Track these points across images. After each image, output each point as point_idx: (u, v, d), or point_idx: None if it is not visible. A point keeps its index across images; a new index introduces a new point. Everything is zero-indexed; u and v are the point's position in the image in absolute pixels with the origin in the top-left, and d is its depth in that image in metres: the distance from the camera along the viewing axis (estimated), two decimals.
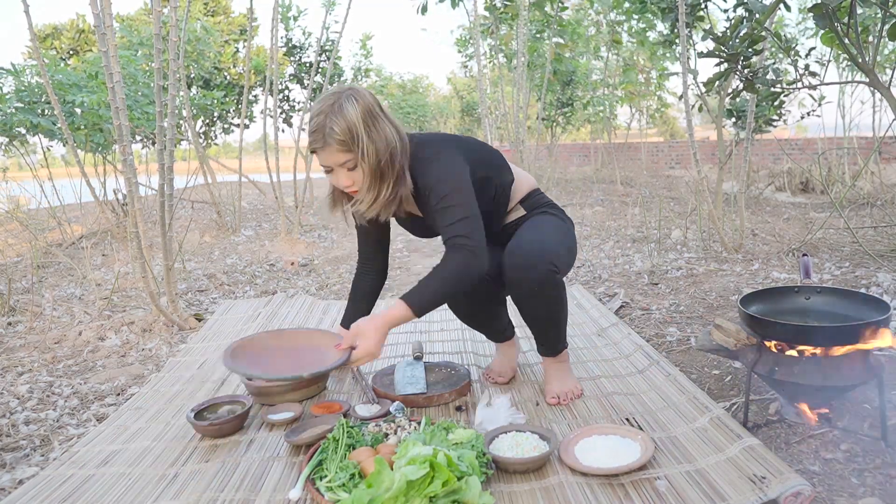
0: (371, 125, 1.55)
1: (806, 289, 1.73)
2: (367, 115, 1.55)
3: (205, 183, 5.84)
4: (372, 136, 1.55)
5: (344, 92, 1.56)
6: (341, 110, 1.52)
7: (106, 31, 2.39)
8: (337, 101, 1.53)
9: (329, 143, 1.52)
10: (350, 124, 1.52)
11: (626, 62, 9.48)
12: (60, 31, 9.94)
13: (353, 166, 1.56)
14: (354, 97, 1.55)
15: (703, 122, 17.94)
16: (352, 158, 1.55)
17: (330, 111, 1.52)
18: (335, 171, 1.59)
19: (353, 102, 1.54)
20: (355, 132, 1.52)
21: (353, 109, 1.53)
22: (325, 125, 1.51)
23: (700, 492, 1.26)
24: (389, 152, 1.58)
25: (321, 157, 1.57)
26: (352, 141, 1.53)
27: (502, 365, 1.98)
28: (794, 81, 2.48)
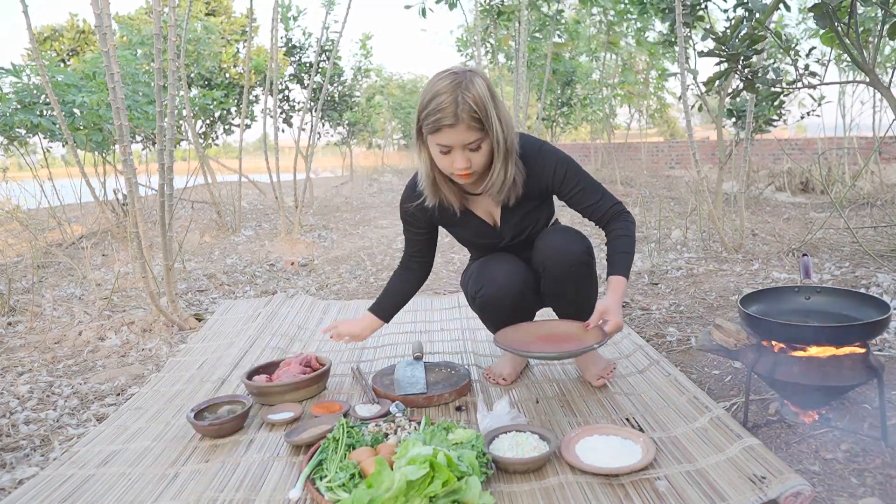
0: (497, 104, 1.55)
1: (806, 289, 1.73)
2: (492, 92, 1.55)
3: (205, 183, 5.85)
4: (500, 115, 1.55)
5: (463, 71, 1.53)
6: (471, 86, 1.49)
7: (106, 31, 2.39)
8: (462, 79, 1.50)
9: (461, 119, 1.49)
10: (482, 100, 1.50)
11: (625, 62, 9.48)
12: (60, 32, 9.94)
13: (477, 147, 1.55)
14: (478, 75, 1.53)
15: (703, 122, 17.94)
16: (480, 138, 1.54)
17: (458, 88, 1.49)
18: (454, 152, 1.55)
19: (479, 79, 1.52)
20: (488, 109, 1.51)
21: (482, 84, 1.52)
22: (457, 102, 1.48)
23: (700, 492, 1.26)
24: (511, 132, 1.61)
25: (445, 136, 1.52)
26: (486, 117, 1.51)
27: (506, 367, 1.98)
28: (794, 81, 2.47)
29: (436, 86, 1.51)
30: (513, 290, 1.76)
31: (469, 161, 1.56)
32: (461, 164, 1.56)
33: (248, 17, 5.25)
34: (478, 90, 1.50)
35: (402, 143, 19.99)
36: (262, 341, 2.45)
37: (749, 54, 2.38)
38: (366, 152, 16.52)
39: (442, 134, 1.52)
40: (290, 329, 2.63)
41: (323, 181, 11.52)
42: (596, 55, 8.77)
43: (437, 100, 1.50)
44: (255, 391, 1.86)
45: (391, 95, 14.63)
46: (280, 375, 1.93)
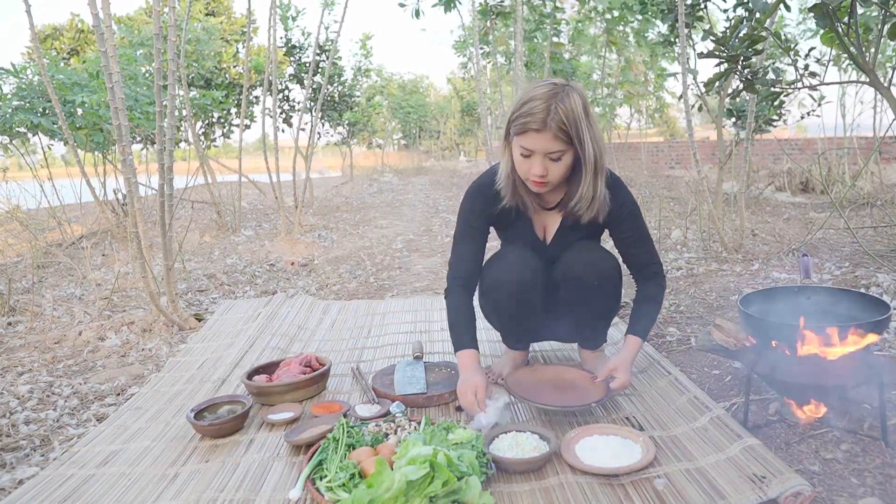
0: (591, 122, 1.57)
1: (806, 289, 1.73)
2: (588, 111, 1.57)
3: (205, 183, 5.84)
4: (592, 133, 1.57)
5: (563, 84, 1.56)
6: (567, 99, 1.52)
7: (105, 31, 2.39)
8: (560, 90, 1.53)
9: (549, 126, 1.51)
10: (575, 114, 1.52)
11: (626, 62, 9.48)
12: (60, 31, 9.95)
13: (559, 158, 1.57)
14: (577, 90, 1.56)
15: (703, 122, 17.94)
16: (563, 149, 1.55)
17: (553, 97, 1.52)
18: (534, 157, 1.57)
19: (577, 94, 1.55)
20: (579, 124, 1.53)
21: (578, 101, 1.54)
22: (549, 109, 1.51)
23: (700, 490, 1.26)
24: (602, 153, 1.62)
25: (530, 140, 1.54)
26: (575, 132, 1.53)
27: (506, 367, 1.98)
28: (794, 81, 2.47)
29: (533, 91, 1.55)
30: (523, 275, 1.76)
31: (546, 170, 1.58)
32: (538, 171, 1.58)
33: (247, 17, 5.24)
34: (572, 103, 1.53)
35: (402, 143, 20.00)
36: (262, 341, 2.45)
37: (749, 54, 2.38)
38: (366, 152, 16.53)
39: (527, 137, 1.55)
40: (290, 329, 2.63)
41: (322, 182, 11.52)
42: (598, 55, 8.78)
43: (530, 104, 1.53)
44: (255, 391, 1.86)
45: (391, 95, 14.64)
46: (280, 375, 1.93)
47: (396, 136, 19.02)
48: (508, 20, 5.99)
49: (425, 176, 12.45)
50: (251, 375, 1.95)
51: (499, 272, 1.79)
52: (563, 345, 2.26)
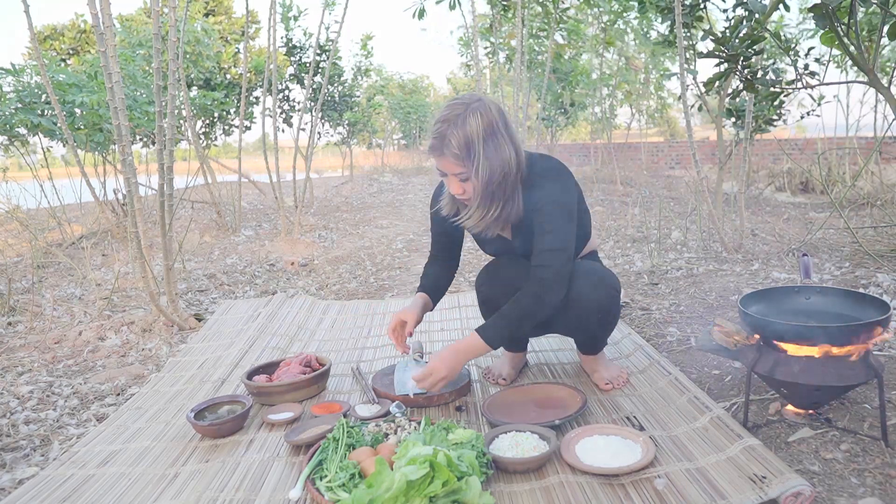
0: (490, 143, 1.56)
1: (806, 289, 1.73)
2: (489, 131, 1.55)
3: (205, 183, 5.84)
4: (488, 155, 1.56)
5: (472, 103, 1.56)
6: (464, 123, 1.53)
7: (105, 31, 2.39)
8: (463, 112, 1.54)
9: (445, 153, 1.54)
10: (468, 139, 1.53)
11: (626, 61, 9.48)
12: (61, 31, 9.94)
13: (466, 178, 1.58)
14: (480, 111, 1.55)
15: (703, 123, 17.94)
16: (465, 171, 1.57)
17: (453, 121, 1.53)
18: (449, 177, 1.61)
19: (478, 116, 1.54)
20: (472, 148, 1.54)
21: (476, 123, 1.54)
22: (445, 135, 1.53)
23: (700, 490, 1.26)
24: (503, 173, 1.59)
25: (437, 162, 1.59)
26: (467, 156, 1.54)
27: (505, 367, 1.98)
28: (794, 81, 2.47)
29: (444, 111, 1.57)
30: (510, 291, 1.76)
31: (462, 188, 1.61)
32: (454, 190, 1.62)
33: (246, 18, 5.24)
34: (469, 128, 1.53)
35: (401, 143, 20.00)
36: (262, 341, 2.45)
37: (749, 55, 2.38)
38: (366, 152, 16.53)
39: (434, 160, 1.60)
40: (290, 329, 2.63)
41: (322, 181, 11.52)
42: (598, 55, 8.77)
43: (437, 125, 1.57)
44: (255, 391, 1.86)
45: (391, 95, 14.63)
46: (280, 375, 1.93)
47: (396, 136, 19.02)
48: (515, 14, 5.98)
49: (425, 176, 12.45)
50: (251, 375, 1.95)
51: (490, 287, 1.85)
52: (563, 344, 2.26)
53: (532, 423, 1.55)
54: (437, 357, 1.69)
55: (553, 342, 2.30)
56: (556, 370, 2.05)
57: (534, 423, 1.55)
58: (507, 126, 1.60)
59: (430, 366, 1.68)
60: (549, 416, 1.62)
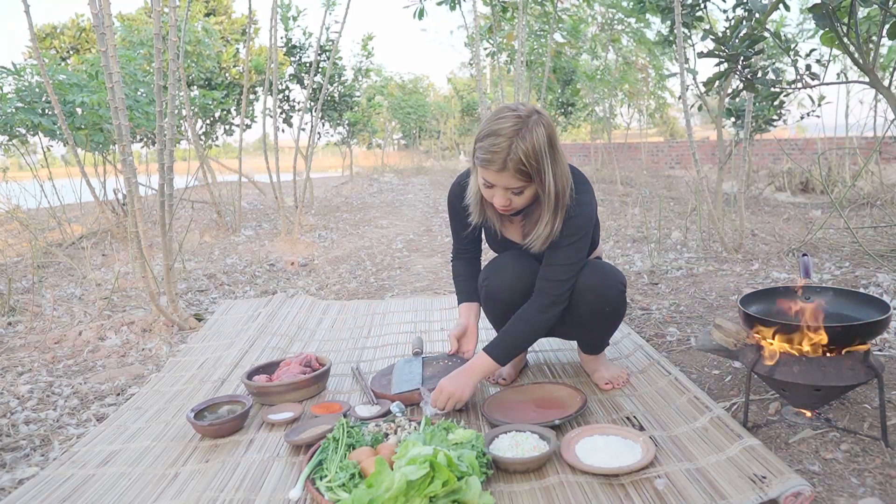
0: (555, 158, 1.54)
1: (806, 289, 1.73)
2: (553, 146, 1.53)
3: (205, 183, 5.84)
4: (555, 170, 1.54)
5: (531, 115, 1.51)
6: (530, 135, 1.48)
7: (105, 30, 2.39)
8: (524, 125, 1.49)
9: (508, 167, 1.49)
10: (536, 153, 1.48)
11: (626, 60, 9.48)
12: (61, 31, 9.95)
13: (520, 192, 1.55)
14: (542, 124, 1.51)
15: (703, 123, 17.93)
16: (524, 185, 1.53)
17: (515, 135, 1.47)
18: (496, 189, 1.56)
19: (542, 129, 1.50)
20: (541, 162, 1.50)
21: (542, 137, 1.49)
22: (508, 149, 1.47)
23: (700, 490, 1.26)
24: (566, 186, 1.58)
25: (490, 176, 1.53)
26: (535, 170, 1.50)
27: (506, 367, 1.98)
28: (794, 81, 2.47)
29: (497, 123, 1.50)
30: (517, 288, 1.77)
31: (509, 201, 1.58)
32: (500, 203, 1.58)
33: (247, 17, 5.24)
34: (535, 140, 1.48)
35: (401, 143, 20.00)
36: (262, 341, 2.45)
37: (749, 54, 2.38)
38: (366, 152, 16.54)
39: (488, 172, 1.53)
40: (290, 329, 2.63)
41: (322, 181, 11.52)
42: (597, 55, 8.78)
43: (492, 139, 1.49)
44: (255, 391, 1.86)
45: (391, 96, 14.64)
46: (280, 375, 1.93)
47: (396, 136, 19.02)
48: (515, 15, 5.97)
49: (425, 176, 12.46)
50: (251, 375, 1.95)
51: (493, 284, 1.82)
52: (563, 345, 2.26)
53: (532, 423, 1.54)
54: (448, 377, 1.68)
55: (553, 342, 2.30)
56: (556, 370, 2.05)
57: (534, 423, 1.55)
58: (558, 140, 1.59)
59: (440, 385, 1.67)
60: (549, 416, 1.62)
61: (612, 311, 1.78)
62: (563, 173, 1.57)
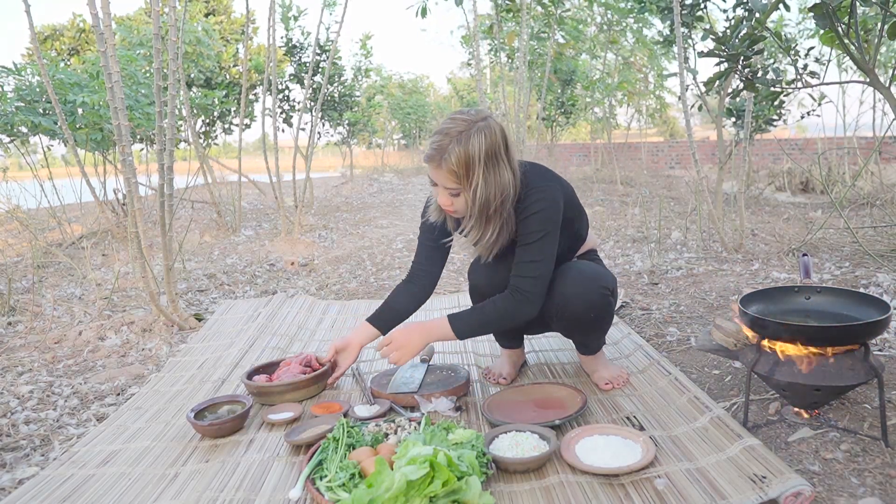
0: (490, 167, 1.55)
1: (806, 289, 1.73)
2: (490, 154, 1.54)
3: (205, 183, 5.84)
4: (487, 179, 1.55)
5: (477, 121, 1.54)
6: (467, 141, 1.51)
7: (104, 31, 2.39)
8: (467, 129, 1.52)
9: (442, 166, 1.53)
10: (469, 159, 1.52)
11: (625, 60, 9.48)
12: (60, 32, 9.95)
13: (457, 194, 1.58)
14: (485, 132, 1.53)
15: (703, 122, 17.93)
16: (459, 188, 1.56)
17: (457, 137, 1.51)
18: (439, 188, 1.60)
19: (482, 137, 1.52)
20: (472, 168, 1.53)
21: (479, 145, 1.52)
22: (446, 149, 1.52)
23: (700, 490, 1.26)
24: (501, 198, 1.59)
25: (431, 172, 1.58)
26: (465, 175, 1.53)
27: (505, 366, 1.98)
28: (794, 81, 2.47)
29: (447, 123, 1.55)
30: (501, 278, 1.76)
31: (451, 202, 1.60)
32: (442, 202, 1.61)
33: (246, 17, 5.24)
34: (470, 147, 1.51)
35: (401, 143, 20.00)
36: (262, 341, 2.45)
37: (749, 54, 2.38)
38: (366, 152, 16.54)
39: (430, 168, 1.59)
40: (290, 329, 2.63)
41: (322, 181, 11.52)
42: (597, 56, 8.78)
43: (437, 137, 1.55)
44: (256, 391, 1.86)
45: (391, 96, 14.64)
46: (280, 375, 1.93)
47: (396, 136, 19.02)
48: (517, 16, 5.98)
49: (425, 176, 12.45)
50: (251, 375, 1.95)
51: (476, 278, 1.88)
52: (563, 344, 2.26)
53: (532, 423, 1.54)
54: (403, 328, 1.71)
55: (553, 342, 2.30)
56: (556, 370, 2.05)
57: (534, 423, 1.55)
58: (507, 149, 1.59)
59: (392, 333, 1.71)
60: (549, 416, 1.62)
61: (598, 315, 1.76)
62: (498, 183, 1.56)
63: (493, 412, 1.67)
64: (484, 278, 1.84)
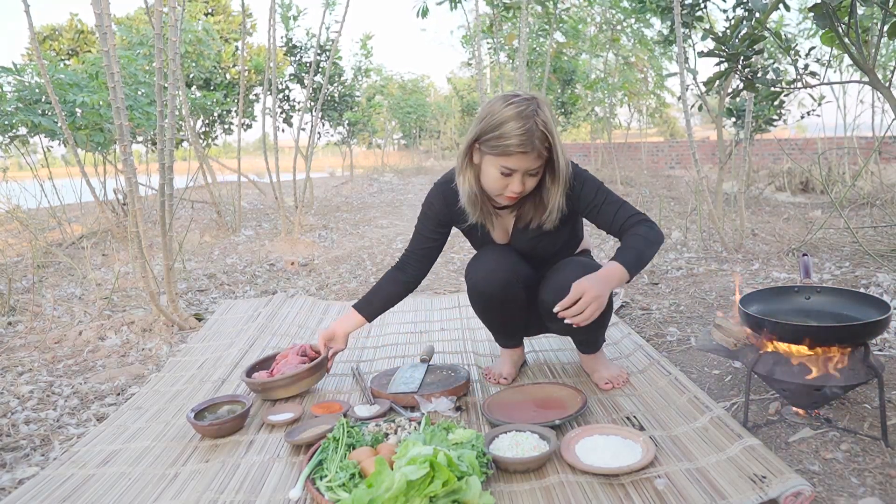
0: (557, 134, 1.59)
1: (806, 289, 1.73)
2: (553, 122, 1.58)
3: (205, 183, 5.84)
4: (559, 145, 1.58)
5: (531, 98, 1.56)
6: (541, 113, 1.53)
7: (106, 30, 2.39)
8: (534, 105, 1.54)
9: (535, 147, 1.53)
10: (549, 131, 1.54)
11: (626, 60, 9.48)
12: (59, 32, 9.95)
13: (537, 173, 1.60)
14: (546, 104, 1.57)
15: (703, 122, 17.92)
16: (542, 165, 1.59)
17: (533, 115, 1.52)
18: (515, 175, 1.58)
19: (547, 109, 1.56)
20: (553, 140, 1.55)
21: (549, 115, 1.55)
22: (532, 130, 1.52)
23: (700, 490, 1.26)
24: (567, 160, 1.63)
25: (514, 161, 1.55)
26: (549, 148, 1.56)
27: (506, 366, 1.98)
28: (794, 81, 2.47)
29: (506, 111, 1.53)
30: (499, 277, 1.76)
31: (524, 186, 1.60)
32: (517, 188, 1.59)
33: (243, 17, 5.24)
34: (548, 120, 1.54)
35: (402, 143, 20.00)
36: (262, 341, 2.45)
37: (749, 54, 2.38)
38: (366, 152, 16.53)
39: (511, 158, 1.55)
40: (290, 329, 2.63)
41: (322, 181, 11.52)
42: (597, 55, 8.78)
43: (512, 124, 1.52)
44: (259, 388, 1.85)
45: (391, 96, 14.63)
46: (280, 369, 1.93)
47: (396, 135, 19.02)
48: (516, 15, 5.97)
49: (425, 176, 12.45)
50: (250, 373, 1.94)
51: (476, 276, 1.81)
52: (563, 344, 2.26)
53: (532, 423, 1.54)
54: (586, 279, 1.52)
55: (553, 342, 2.30)
56: (556, 370, 2.05)
57: (534, 423, 1.55)
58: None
59: (581, 285, 1.51)
60: (549, 416, 1.62)
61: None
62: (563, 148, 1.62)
63: (493, 412, 1.67)
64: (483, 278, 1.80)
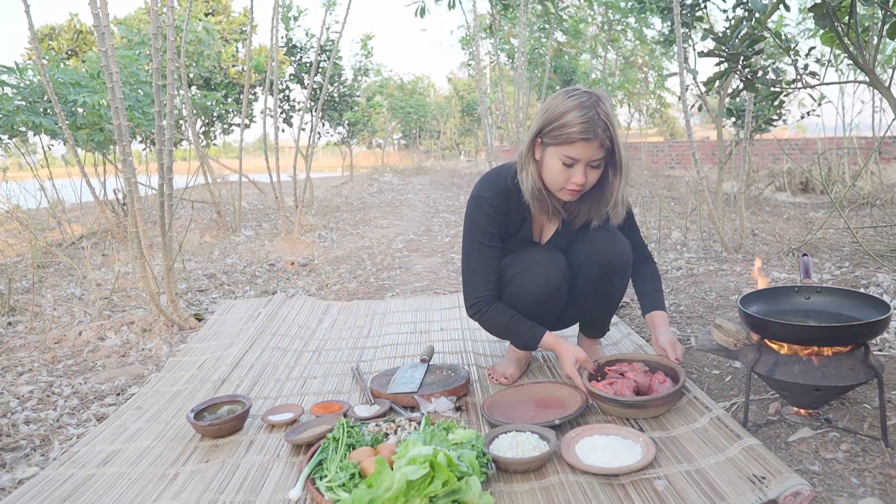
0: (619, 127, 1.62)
1: (806, 289, 1.72)
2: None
3: (205, 183, 5.84)
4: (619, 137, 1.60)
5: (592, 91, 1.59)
6: (604, 105, 1.56)
7: (104, 30, 2.39)
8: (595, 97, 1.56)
9: (597, 135, 1.54)
10: (611, 121, 1.57)
11: (626, 59, 9.48)
12: (58, 32, 9.95)
13: (599, 164, 1.61)
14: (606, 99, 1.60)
15: (703, 122, 17.92)
16: (604, 156, 1.60)
17: (595, 105, 1.55)
18: (577, 166, 1.60)
19: (608, 101, 1.59)
20: (616, 128, 1.58)
21: (610, 106, 1.58)
22: (594, 119, 1.54)
23: (700, 491, 1.26)
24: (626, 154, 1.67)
25: (577, 150, 1.56)
26: (614, 136, 1.58)
27: (510, 366, 1.98)
28: (794, 81, 2.47)
29: (568, 102, 1.57)
30: (552, 283, 1.78)
31: (586, 177, 1.61)
32: (580, 179, 1.60)
33: (246, 16, 5.24)
34: (608, 108, 1.57)
35: (402, 143, 20.00)
36: (262, 341, 2.45)
37: (749, 54, 2.38)
38: (366, 152, 16.54)
39: (574, 147, 1.56)
40: (290, 329, 2.63)
41: (322, 181, 11.51)
42: (597, 55, 8.77)
43: (573, 113, 1.54)
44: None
45: (391, 96, 14.64)
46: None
47: (396, 136, 19.03)
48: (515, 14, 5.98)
49: (425, 176, 12.45)
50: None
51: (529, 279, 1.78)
52: None
53: (532, 423, 1.54)
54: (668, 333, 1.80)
55: None
56: (556, 370, 2.05)
57: (534, 423, 1.55)
58: None
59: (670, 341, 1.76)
60: (549, 416, 1.62)
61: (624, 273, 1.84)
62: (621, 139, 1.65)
63: (492, 412, 1.67)
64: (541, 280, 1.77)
